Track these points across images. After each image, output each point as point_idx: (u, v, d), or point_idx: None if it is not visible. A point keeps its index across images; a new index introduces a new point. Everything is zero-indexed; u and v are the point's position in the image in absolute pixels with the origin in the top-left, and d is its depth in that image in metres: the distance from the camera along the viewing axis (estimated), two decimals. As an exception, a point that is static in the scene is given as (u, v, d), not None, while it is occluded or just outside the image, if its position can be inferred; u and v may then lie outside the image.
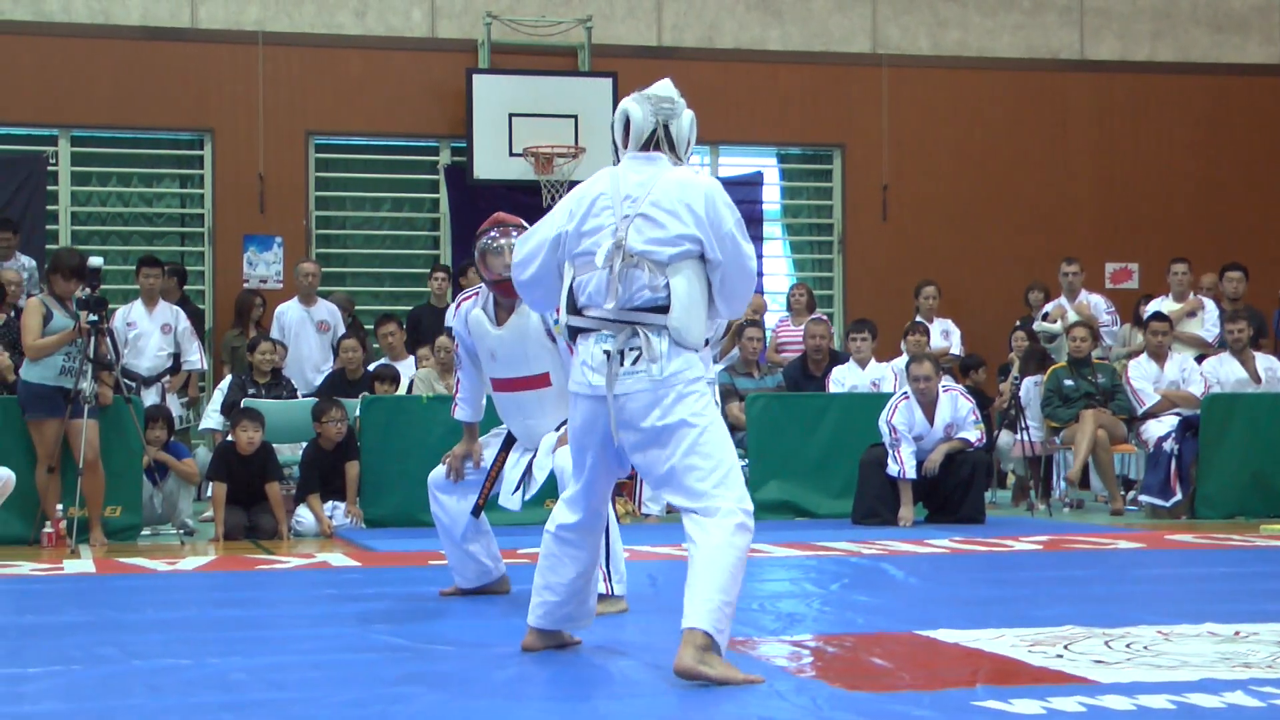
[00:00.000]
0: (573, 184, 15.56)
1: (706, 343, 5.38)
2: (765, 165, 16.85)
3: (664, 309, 5.21)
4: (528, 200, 15.74)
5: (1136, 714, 4.40)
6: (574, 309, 5.35)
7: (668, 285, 5.21)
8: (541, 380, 6.99)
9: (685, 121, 5.57)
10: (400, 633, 6.05)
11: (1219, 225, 16.83)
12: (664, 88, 5.69)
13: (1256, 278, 14.60)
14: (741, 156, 16.97)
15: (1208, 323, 13.65)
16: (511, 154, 15.46)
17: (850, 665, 5.42)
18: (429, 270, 15.03)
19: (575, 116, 15.56)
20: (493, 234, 6.96)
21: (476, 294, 7.16)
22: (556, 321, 5.75)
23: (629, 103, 5.60)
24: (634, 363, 5.20)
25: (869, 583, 7.90)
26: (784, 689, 4.90)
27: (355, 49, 15.79)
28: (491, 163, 15.49)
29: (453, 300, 14.91)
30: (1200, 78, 17.24)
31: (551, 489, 7.13)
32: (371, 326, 14.10)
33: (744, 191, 16.68)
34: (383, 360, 13.15)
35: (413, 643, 5.82)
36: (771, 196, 16.80)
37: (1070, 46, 17.16)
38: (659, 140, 5.47)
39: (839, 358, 13.37)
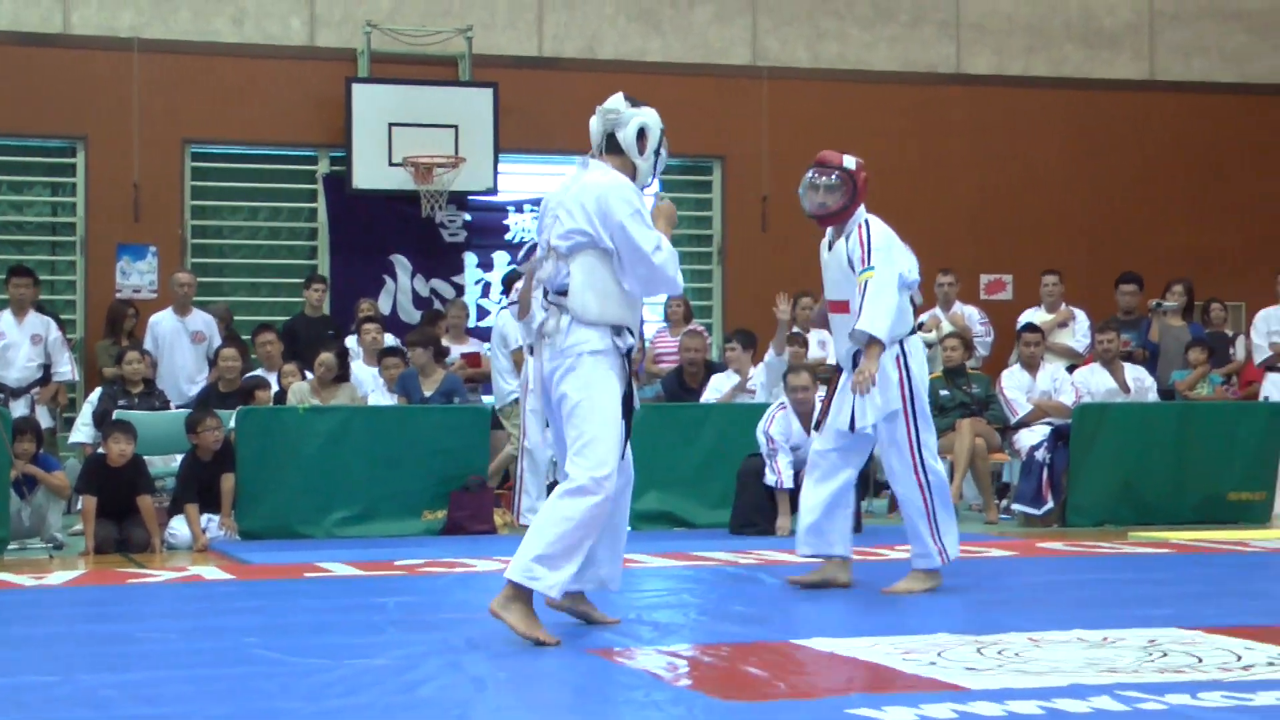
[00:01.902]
0: (452, 194, 15.63)
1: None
2: (645, 176, 16.87)
3: (567, 292, 6.20)
4: (407, 210, 15.69)
5: (1006, 719, 4.46)
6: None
7: (569, 271, 6.19)
8: (841, 306, 7.77)
9: (631, 128, 6.43)
10: (276, 646, 5.99)
11: (1092, 237, 17.10)
12: (614, 100, 6.54)
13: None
14: (622, 167, 16.99)
15: (1079, 333, 13.87)
16: (391, 163, 15.37)
17: (726, 675, 5.44)
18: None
19: (455, 126, 15.50)
20: (809, 174, 7.95)
21: None
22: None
23: (594, 119, 6.54)
24: (551, 335, 6.21)
25: (746, 593, 7.94)
26: (660, 699, 4.91)
27: (233, 57, 15.63)
28: (371, 172, 15.40)
29: (329, 311, 14.82)
30: (1073, 92, 17.52)
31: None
32: (249, 337, 13.97)
33: (624, 202, 16.72)
34: (258, 370, 13.03)
35: (288, 656, 5.77)
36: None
37: (947, 60, 17.37)
38: (611, 146, 6.43)
39: (716, 368, 13.43)
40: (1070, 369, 13.27)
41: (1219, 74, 17.96)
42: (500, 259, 16.26)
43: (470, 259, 16.21)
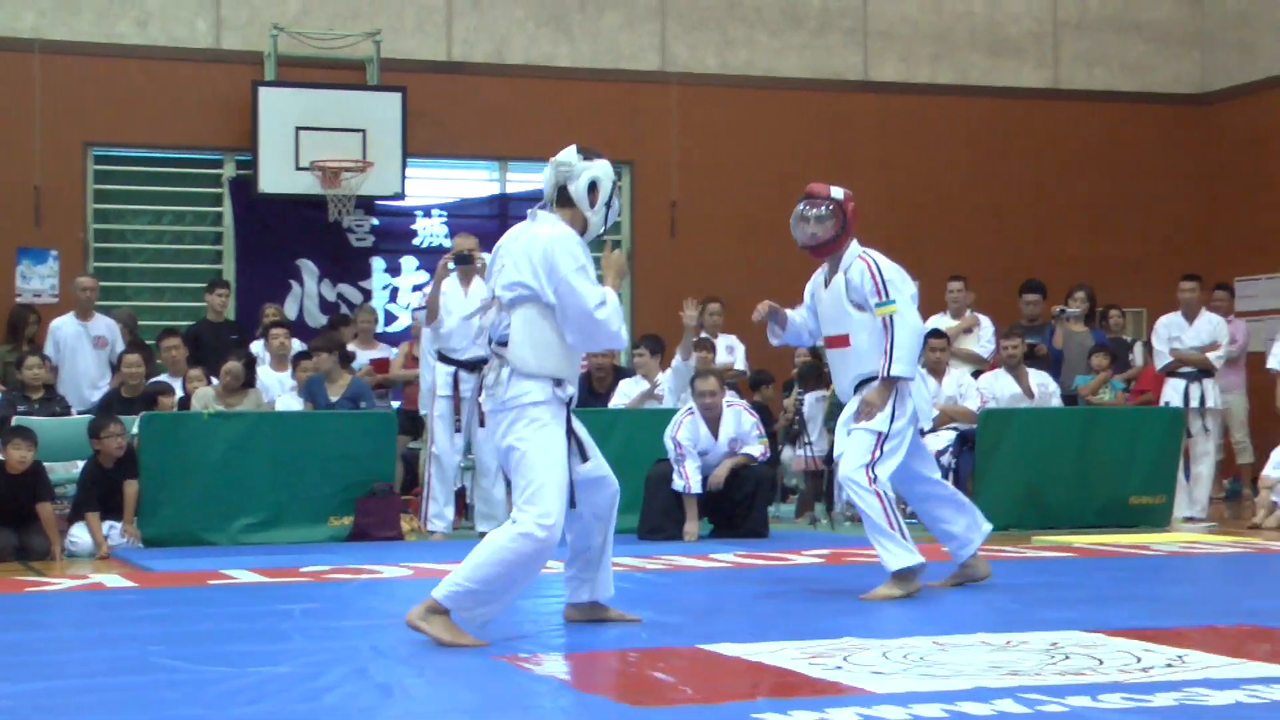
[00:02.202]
0: (360, 199, 15.55)
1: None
2: (554, 181, 16.85)
3: (507, 343, 6.27)
4: (314, 215, 15.60)
5: (910, 723, 4.49)
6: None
7: (509, 323, 6.28)
8: (839, 340, 7.90)
9: (583, 181, 6.52)
10: (179, 655, 5.93)
11: (996, 244, 17.27)
12: (567, 153, 6.58)
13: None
14: (531, 173, 16.96)
15: (983, 339, 14.00)
16: (298, 168, 15.29)
17: (633, 680, 5.45)
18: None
19: (363, 130, 15.44)
20: (800, 205, 7.96)
21: None
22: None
23: (547, 169, 6.61)
24: (491, 388, 6.29)
25: (653, 597, 7.94)
26: (567, 705, 4.91)
27: (137, 59, 15.47)
28: (277, 176, 15.30)
29: (235, 317, 14.70)
30: (978, 99, 17.70)
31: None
32: (153, 342, 13.83)
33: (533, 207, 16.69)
34: (162, 376, 12.90)
35: (192, 665, 5.71)
36: (560, 213, 16.79)
37: (854, 68, 17.48)
38: (563, 199, 6.54)
39: (624, 373, 13.44)
40: (975, 374, 13.39)
41: (1120, 83, 18.20)
42: (408, 264, 16.20)
43: (378, 264, 16.14)
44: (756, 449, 11.73)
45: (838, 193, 7.99)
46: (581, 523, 6.59)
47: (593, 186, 6.54)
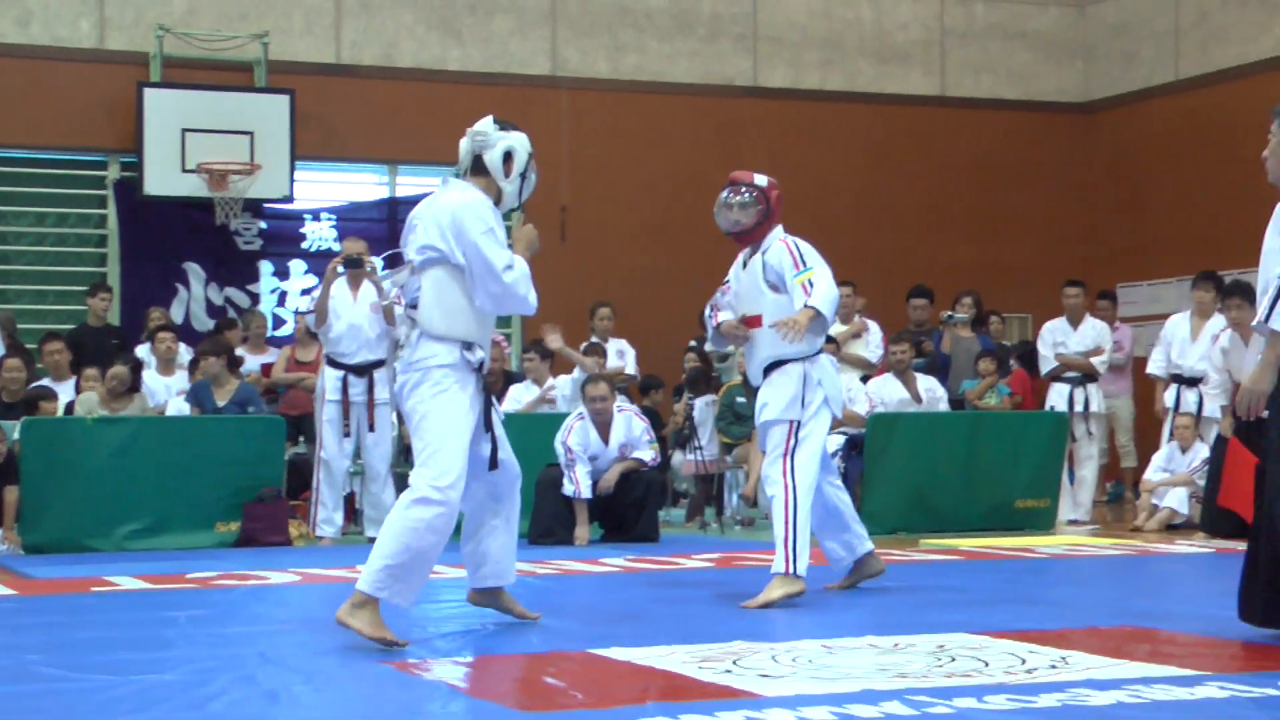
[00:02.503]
0: (247, 202, 15.41)
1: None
2: (444, 185, 16.80)
3: (418, 305, 6.34)
4: (201, 217, 15.44)
5: (799, 726, 4.51)
6: None
7: (419, 285, 6.35)
8: (754, 321, 7.84)
9: (498, 150, 6.58)
10: (61, 663, 5.84)
11: (884, 249, 17.42)
12: (484, 123, 6.66)
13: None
14: (421, 176, 16.91)
15: (872, 344, 14.11)
16: (184, 170, 15.13)
17: (523, 685, 5.43)
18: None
19: (251, 133, 15.31)
20: (724, 193, 7.98)
21: None
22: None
23: (463, 140, 6.66)
24: (402, 350, 6.37)
25: (544, 602, 7.92)
26: (457, 711, 4.89)
27: (18, 59, 15.25)
28: (163, 179, 15.14)
29: (118, 321, 14.51)
30: (867, 106, 17.85)
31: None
32: (35, 345, 13.62)
33: (422, 211, 16.62)
34: (44, 380, 12.71)
35: (74, 674, 5.62)
36: (450, 216, 16.74)
37: (744, 74, 17.57)
38: (478, 167, 6.58)
39: (515, 378, 13.41)
40: (864, 379, 13.50)
41: (1006, 91, 18.43)
42: (297, 267, 16.08)
43: (266, 267, 16.00)
44: (647, 454, 11.76)
45: (761, 180, 8.00)
46: (475, 501, 6.56)
47: (508, 156, 6.60)
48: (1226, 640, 6.13)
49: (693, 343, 14.53)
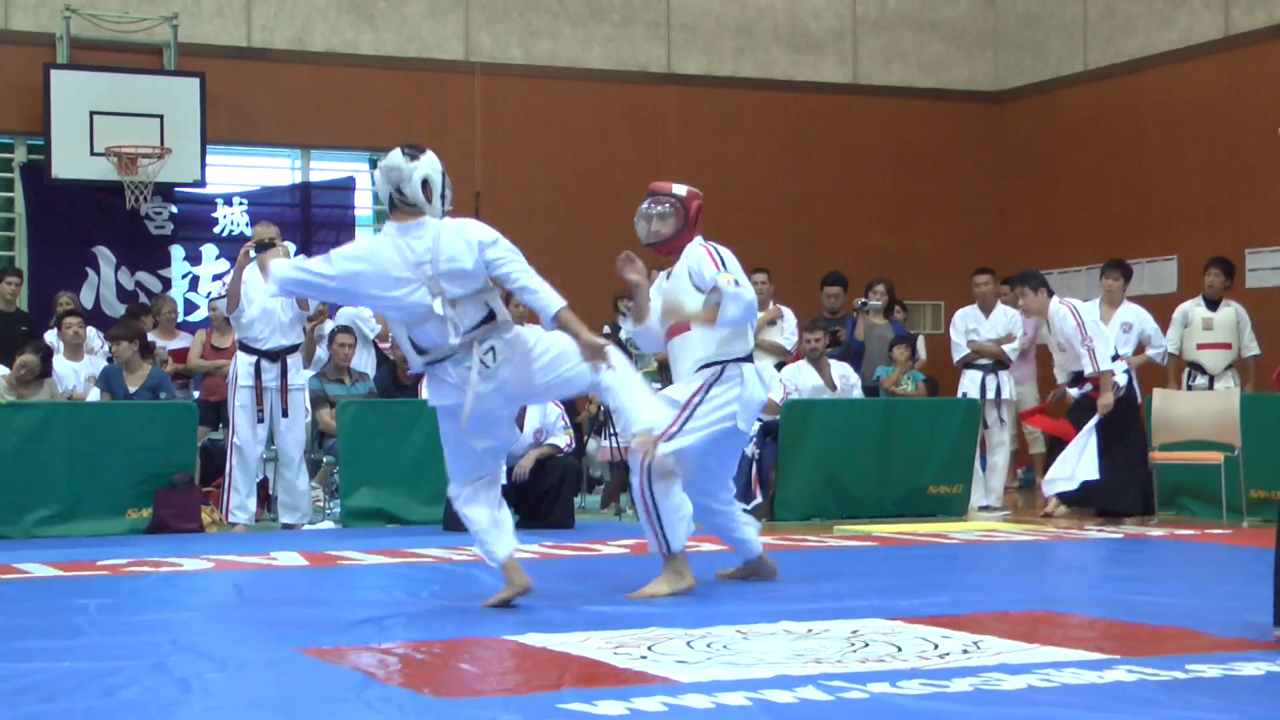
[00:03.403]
0: (158, 186, 15.24)
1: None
2: (358, 170, 16.72)
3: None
4: (111, 201, 15.27)
5: (715, 711, 4.53)
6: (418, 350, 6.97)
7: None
8: (681, 328, 7.80)
9: (415, 182, 6.80)
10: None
11: (798, 236, 17.50)
12: (393, 157, 6.85)
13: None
14: (334, 161, 16.81)
15: (787, 331, 14.17)
16: (93, 153, 14.95)
17: (439, 672, 5.42)
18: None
19: (161, 116, 15.15)
20: (644, 204, 7.96)
21: None
22: None
23: (377, 174, 6.96)
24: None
25: (460, 589, 7.92)
26: (372, 698, 4.87)
27: (-79, 39, 15.03)
28: (71, 162, 14.95)
29: (26, 307, 14.35)
30: (780, 94, 17.90)
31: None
32: (-60, 330, 13.43)
33: (336, 196, 16.54)
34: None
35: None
36: (364, 202, 16.68)
37: (658, 60, 17.58)
38: (400, 201, 6.84)
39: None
40: (778, 366, 13.55)
41: (918, 80, 18.54)
42: (209, 252, 15.94)
43: (177, 252, 15.86)
44: (562, 440, 11.76)
45: (680, 190, 7.96)
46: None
47: (425, 184, 6.86)
48: (1134, 624, 6.21)
49: (606, 329, 14.53)
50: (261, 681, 5.29)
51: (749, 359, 7.76)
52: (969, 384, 13.66)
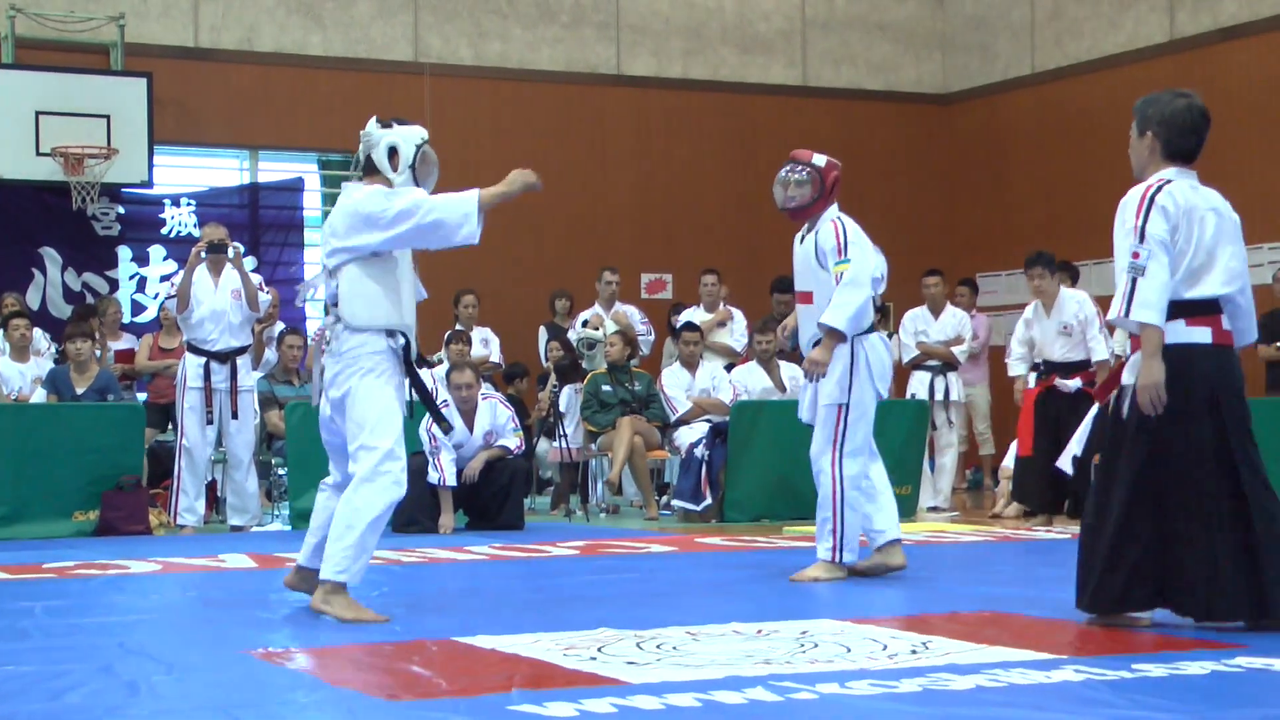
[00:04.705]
0: (105, 186, 15.14)
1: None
2: (306, 171, 16.67)
3: (338, 302, 6.68)
4: (56, 202, 15.17)
5: (665, 713, 4.53)
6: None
7: (337, 285, 6.69)
8: (805, 297, 8.03)
9: (382, 148, 6.81)
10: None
11: (748, 238, 17.52)
12: (369, 125, 6.88)
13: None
14: (282, 161, 16.75)
15: (736, 332, 14.20)
16: (39, 153, 14.86)
17: (387, 673, 5.41)
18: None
19: (108, 116, 15.06)
20: (782, 170, 8.35)
21: None
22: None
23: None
24: (330, 345, 6.71)
25: (409, 591, 7.90)
26: (320, 700, 4.86)
27: None
28: (17, 162, 14.86)
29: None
30: (729, 95, 17.94)
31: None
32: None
33: (284, 197, 16.47)
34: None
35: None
36: (312, 203, 16.63)
37: (608, 62, 17.59)
38: (369, 167, 6.82)
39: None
40: (728, 367, 13.57)
41: (866, 82, 18.61)
42: (156, 253, 15.86)
43: (125, 253, 15.77)
44: (512, 441, 11.75)
45: (819, 160, 8.18)
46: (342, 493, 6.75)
47: (392, 151, 6.84)
48: (1082, 624, 6.25)
49: (546, 330, 14.53)
50: (210, 684, 5.26)
51: (870, 330, 8.01)
52: (918, 385, 13.71)
